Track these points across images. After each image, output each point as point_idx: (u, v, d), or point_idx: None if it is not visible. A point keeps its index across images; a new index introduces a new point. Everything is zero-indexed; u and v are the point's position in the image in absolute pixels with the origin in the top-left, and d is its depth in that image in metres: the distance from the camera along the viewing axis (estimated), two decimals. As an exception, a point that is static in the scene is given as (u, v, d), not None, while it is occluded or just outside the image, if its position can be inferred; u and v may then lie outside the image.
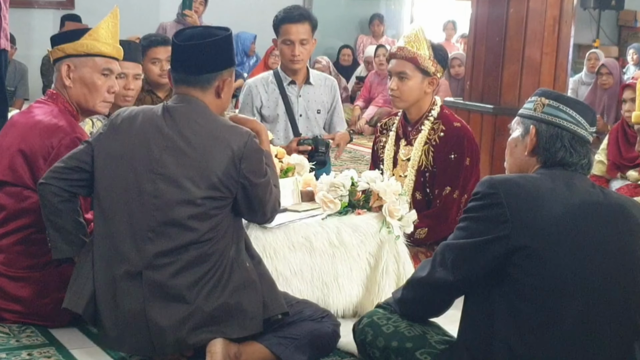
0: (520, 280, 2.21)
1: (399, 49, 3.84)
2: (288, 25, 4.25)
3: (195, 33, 2.86)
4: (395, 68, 3.83)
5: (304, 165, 3.68)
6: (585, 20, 11.49)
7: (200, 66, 2.80)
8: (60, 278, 3.15)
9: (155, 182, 2.73)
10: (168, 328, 2.71)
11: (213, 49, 2.80)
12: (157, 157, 2.74)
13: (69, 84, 3.27)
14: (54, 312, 3.15)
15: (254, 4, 10.36)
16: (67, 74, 3.27)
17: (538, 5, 5.17)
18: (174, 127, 2.76)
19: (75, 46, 3.27)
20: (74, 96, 3.30)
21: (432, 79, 3.81)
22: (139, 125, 2.80)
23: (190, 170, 2.72)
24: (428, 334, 2.45)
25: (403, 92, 3.80)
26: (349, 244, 3.34)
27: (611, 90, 8.00)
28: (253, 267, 2.84)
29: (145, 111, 2.85)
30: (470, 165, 3.79)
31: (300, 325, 2.88)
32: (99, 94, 3.31)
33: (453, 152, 3.77)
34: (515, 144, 2.44)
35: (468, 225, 2.30)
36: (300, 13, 4.28)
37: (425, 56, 3.78)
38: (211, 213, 2.73)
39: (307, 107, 4.37)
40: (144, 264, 2.73)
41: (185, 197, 2.71)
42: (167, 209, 2.72)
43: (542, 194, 2.24)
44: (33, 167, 3.17)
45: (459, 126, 3.83)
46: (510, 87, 5.29)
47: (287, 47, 4.28)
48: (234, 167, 2.73)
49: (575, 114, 2.36)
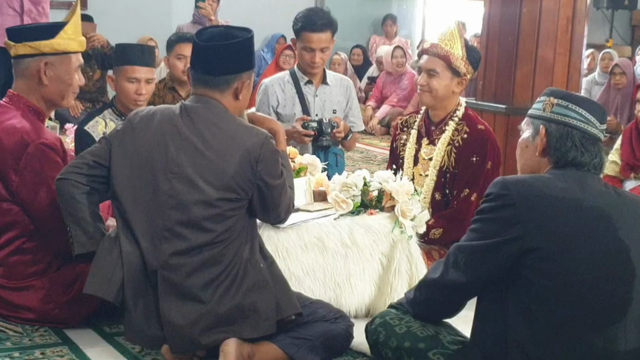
0: (534, 282, 2.20)
1: (432, 46, 3.83)
2: (310, 34, 4.21)
3: (216, 33, 2.85)
4: (426, 65, 3.81)
5: (316, 165, 3.68)
6: (598, 20, 11.44)
7: (220, 67, 2.79)
8: (62, 282, 3.17)
9: (171, 182, 2.73)
10: (182, 327, 2.72)
11: (234, 50, 2.79)
12: (174, 157, 2.74)
13: (46, 82, 3.21)
14: (60, 315, 3.17)
15: (267, 2, 10.38)
16: (45, 71, 3.21)
17: (551, 5, 5.15)
18: (191, 128, 2.76)
19: (52, 44, 3.20)
20: (49, 94, 3.24)
21: (462, 79, 3.79)
22: (157, 125, 2.80)
23: (206, 171, 2.72)
24: (441, 335, 2.45)
25: (431, 88, 3.78)
26: (361, 244, 3.34)
27: (625, 90, 7.96)
28: (266, 268, 2.84)
29: (163, 110, 2.85)
30: (492, 169, 3.77)
31: (314, 326, 2.87)
32: (73, 89, 3.29)
33: (475, 154, 3.75)
34: (526, 144, 2.43)
35: (481, 227, 2.29)
36: (322, 22, 4.20)
37: (459, 56, 3.76)
38: (227, 214, 2.73)
39: (324, 107, 4.37)
40: (159, 263, 2.74)
41: (201, 197, 2.71)
42: (183, 209, 2.72)
43: (555, 195, 2.23)
44: (4, 180, 3.14)
45: (482, 129, 3.81)
46: (523, 87, 5.27)
47: (308, 54, 4.26)
48: (250, 168, 2.73)
49: (585, 112, 2.34)
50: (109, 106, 4.06)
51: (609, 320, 2.21)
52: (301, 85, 4.35)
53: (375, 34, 11.63)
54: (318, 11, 4.34)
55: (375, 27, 11.71)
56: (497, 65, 5.37)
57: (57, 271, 3.19)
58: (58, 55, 3.23)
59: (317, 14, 4.27)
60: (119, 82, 3.96)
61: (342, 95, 4.44)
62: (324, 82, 4.40)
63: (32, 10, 5.31)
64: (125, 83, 3.93)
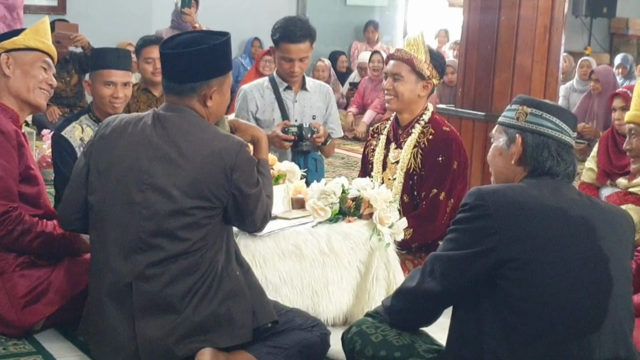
0: (509, 291, 2.20)
1: (397, 51, 3.94)
2: (289, 45, 4.19)
3: (183, 40, 2.80)
4: (391, 69, 3.89)
5: (295, 173, 3.67)
6: (576, 27, 11.53)
7: (184, 75, 2.76)
8: (25, 284, 3.14)
9: (144, 193, 2.71)
10: (156, 339, 2.69)
11: (198, 57, 2.74)
12: (146, 168, 2.72)
13: (8, 73, 3.29)
14: (17, 318, 3.13)
15: (249, 7, 10.37)
16: (8, 64, 3.29)
17: (529, 13, 5.18)
18: (164, 137, 2.74)
19: (14, 41, 3.32)
20: (13, 87, 3.30)
21: (427, 83, 3.85)
22: (129, 135, 2.78)
23: (180, 180, 2.70)
24: (416, 343, 2.45)
25: (397, 92, 3.85)
26: (339, 252, 3.33)
27: (601, 96, 8.04)
28: (242, 276, 2.83)
29: (135, 121, 2.81)
30: (458, 169, 3.82)
31: (290, 335, 2.86)
32: (39, 84, 3.34)
33: (441, 154, 3.80)
34: (500, 152, 2.43)
35: (457, 237, 2.29)
36: (301, 33, 4.18)
37: (422, 59, 3.84)
38: (202, 222, 2.71)
39: (303, 113, 4.37)
40: (134, 275, 2.71)
41: (174, 207, 2.69)
42: (157, 220, 2.70)
43: (530, 205, 2.24)
44: None
45: (447, 130, 3.87)
46: (501, 94, 5.29)
47: (287, 64, 4.25)
48: (225, 177, 2.71)
49: (559, 121, 2.36)
50: (86, 112, 4.04)
51: (585, 330, 2.21)
52: (280, 90, 4.35)
53: (357, 40, 11.65)
54: (296, 21, 4.30)
55: (358, 34, 11.73)
56: (475, 72, 5.40)
57: (19, 270, 3.16)
58: (20, 51, 3.31)
59: (295, 24, 4.24)
60: (95, 87, 3.94)
61: (322, 101, 4.45)
62: (303, 88, 4.40)
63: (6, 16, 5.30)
64: (101, 87, 3.92)
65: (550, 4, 5.19)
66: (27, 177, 3.24)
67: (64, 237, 3.23)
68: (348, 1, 11.77)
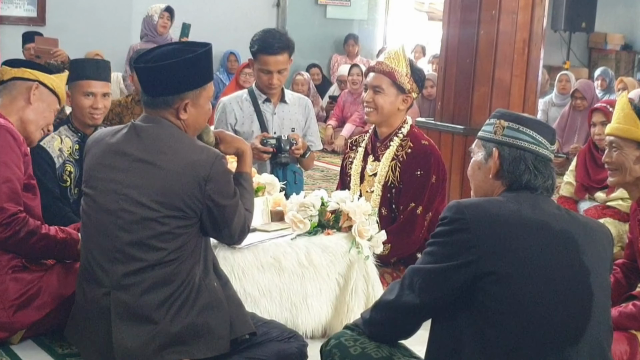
0: (487, 305, 2.20)
1: (377, 63, 3.91)
2: (267, 57, 4.19)
3: (159, 53, 2.80)
4: (372, 81, 3.87)
5: (274, 185, 3.67)
6: (555, 42, 11.63)
7: (156, 88, 2.76)
8: (16, 287, 3.13)
9: (118, 203, 2.72)
10: (134, 349, 2.69)
11: (169, 71, 2.73)
12: (120, 178, 2.73)
13: (32, 101, 3.42)
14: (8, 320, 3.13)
15: (229, 20, 10.37)
16: (34, 92, 3.41)
17: (508, 27, 5.22)
18: (139, 147, 2.75)
19: (50, 79, 3.49)
20: (29, 115, 3.44)
21: (407, 96, 3.86)
22: (104, 147, 2.81)
23: (153, 190, 2.70)
24: (395, 356, 2.44)
25: (377, 105, 3.84)
26: (318, 264, 3.33)
27: (585, 112, 8.08)
28: (220, 288, 2.82)
29: (111, 132, 2.85)
30: (437, 183, 3.82)
31: (267, 346, 2.86)
32: (46, 123, 3.54)
33: (419, 169, 3.80)
34: (479, 166, 2.45)
35: (435, 250, 2.29)
36: (279, 45, 4.19)
37: (403, 73, 3.83)
38: (176, 232, 2.71)
39: (282, 125, 4.37)
40: (112, 284, 2.72)
41: (148, 216, 2.69)
42: (131, 229, 2.70)
43: (509, 218, 2.24)
44: None
45: (426, 144, 3.87)
46: (480, 108, 5.32)
47: (265, 76, 4.25)
48: (198, 188, 2.71)
49: (536, 134, 2.37)
50: (65, 122, 4.03)
51: (564, 343, 2.21)
52: (259, 103, 4.35)
53: (337, 53, 11.68)
54: (275, 33, 4.31)
55: (337, 47, 11.76)
56: (455, 86, 5.42)
57: (11, 273, 3.15)
58: (47, 89, 3.49)
59: (273, 36, 4.24)
60: (75, 98, 3.94)
61: (301, 114, 4.45)
62: (283, 101, 4.40)
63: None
64: (81, 98, 3.91)
65: (529, 19, 5.23)
66: (28, 187, 3.29)
67: (64, 241, 3.27)
68: (328, 14, 11.81)
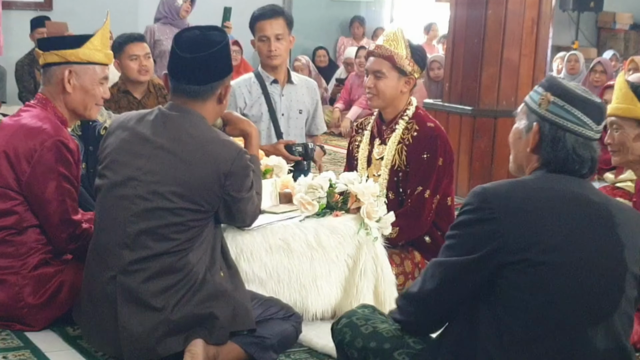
0: (509, 293, 2.14)
1: (376, 47, 3.86)
2: (262, 23, 4.29)
3: (194, 40, 2.80)
4: (372, 66, 3.83)
5: (282, 167, 3.67)
6: (564, 22, 11.55)
7: (206, 77, 2.78)
8: (35, 284, 3.14)
9: (136, 189, 2.73)
10: (138, 335, 2.72)
11: (216, 58, 2.78)
12: (141, 165, 2.73)
13: (69, 90, 3.27)
14: (28, 316, 3.15)
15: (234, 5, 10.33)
16: (69, 79, 3.26)
17: (516, 7, 5.20)
18: (164, 136, 2.75)
19: (77, 53, 3.26)
20: (71, 102, 3.29)
21: (409, 78, 3.82)
22: (129, 131, 2.81)
23: (173, 180, 2.71)
24: (406, 336, 2.44)
25: (379, 91, 3.81)
26: (327, 246, 3.33)
27: (597, 90, 7.99)
28: (228, 278, 2.85)
29: (137, 116, 2.85)
30: (443, 165, 3.79)
31: (270, 324, 2.92)
32: (96, 100, 3.34)
33: (426, 151, 3.77)
34: (519, 136, 2.32)
35: (459, 242, 2.20)
36: (273, 9, 4.34)
37: (402, 55, 3.79)
38: (189, 224, 2.73)
39: (290, 107, 4.38)
40: (119, 268, 2.74)
41: (163, 205, 2.70)
42: (144, 217, 2.71)
43: (536, 205, 2.15)
44: (16, 170, 3.17)
45: (432, 126, 3.83)
46: (489, 89, 5.31)
47: (264, 44, 4.30)
48: (218, 183, 2.72)
49: (582, 114, 2.22)
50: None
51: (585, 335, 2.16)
52: (267, 85, 4.36)
53: (343, 36, 11.64)
54: (269, 4, 4.48)
55: (343, 29, 11.72)
56: (463, 67, 5.41)
57: (33, 271, 3.17)
58: (82, 65, 3.27)
59: (267, 5, 4.40)
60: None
61: (308, 95, 4.47)
62: (290, 82, 4.41)
63: None
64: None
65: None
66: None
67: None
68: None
